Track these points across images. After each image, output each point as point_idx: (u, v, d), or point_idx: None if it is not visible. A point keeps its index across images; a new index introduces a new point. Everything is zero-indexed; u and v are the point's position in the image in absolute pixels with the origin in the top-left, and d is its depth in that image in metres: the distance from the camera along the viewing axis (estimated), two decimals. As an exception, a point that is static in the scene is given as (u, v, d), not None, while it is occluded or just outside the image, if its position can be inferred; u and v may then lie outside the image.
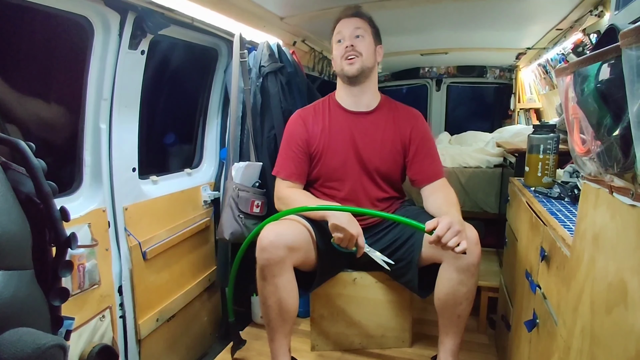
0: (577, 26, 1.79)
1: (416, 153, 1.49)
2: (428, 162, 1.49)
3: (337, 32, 1.48)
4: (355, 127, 1.49)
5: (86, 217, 1.29)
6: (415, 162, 1.49)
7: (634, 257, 0.53)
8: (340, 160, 1.48)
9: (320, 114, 1.53)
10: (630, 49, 0.40)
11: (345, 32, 1.45)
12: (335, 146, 1.49)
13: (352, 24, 1.46)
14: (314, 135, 1.50)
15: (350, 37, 1.44)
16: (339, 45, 1.47)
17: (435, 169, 1.49)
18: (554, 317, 0.88)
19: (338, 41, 1.47)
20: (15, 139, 0.64)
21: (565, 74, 0.65)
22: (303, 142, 1.50)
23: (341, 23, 1.48)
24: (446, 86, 3.89)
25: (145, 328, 1.52)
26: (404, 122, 1.51)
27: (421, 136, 1.50)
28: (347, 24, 1.47)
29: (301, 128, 1.51)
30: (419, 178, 1.49)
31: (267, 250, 1.26)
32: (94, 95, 1.33)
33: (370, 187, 1.50)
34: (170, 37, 1.60)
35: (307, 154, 1.50)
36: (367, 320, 1.62)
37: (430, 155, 1.50)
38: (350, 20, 1.47)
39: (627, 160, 0.48)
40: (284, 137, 1.55)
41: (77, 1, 1.17)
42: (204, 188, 1.92)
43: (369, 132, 1.49)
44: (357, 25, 1.46)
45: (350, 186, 1.47)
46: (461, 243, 1.13)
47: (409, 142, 1.50)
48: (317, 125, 1.51)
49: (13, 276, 0.55)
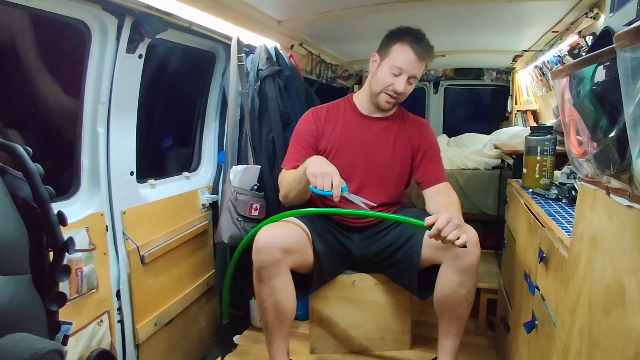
0: (573, 28, 1.80)
1: (423, 158, 1.53)
2: (432, 166, 1.52)
3: (398, 61, 1.38)
4: (367, 131, 1.51)
5: (84, 221, 1.29)
6: (421, 166, 1.53)
7: (631, 258, 0.53)
8: (349, 161, 1.48)
9: (333, 113, 1.54)
10: (625, 51, 0.41)
11: (406, 73, 1.39)
12: (345, 146, 1.50)
13: (416, 68, 1.39)
14: (325, 133, 1.51)
15: (406, 81, 1.40)
16: (391, 76, 1.40)
17: (439, 173, 1.52)
18: (552, 319, 0.88)
19: (393, 73, 1.39)
20: (13, 143, 0.64)
21: (561, 76, 0.65)
22: (312, 139, 1.51)
23: (408, 56, 1.37)
24: (443, 89, 3.91)
25: (144, 332, 1.52)
26: (414, 130, 1.55)
27: (428, 143, 1.55)
28: (412, 64, 1.38)
29: (312, 125, 1.52)
30: (423, 180, 1.51)
31: (262, 251, 1.26)
32: (91, 99, 1.33)
33: (375, 190, 1.50)
34: (168, 40, 1.60)
35: (315, 150, 1.51)
36: (367, 322, 1.62)
37: (435, 161, 1.54)
38: (418, 63, 1.39)
39: (623, 161, 0.48)
40: (294, 132, 1.56)
41: (75, 5, 1.17)
42: (202, 191, 1.92)
43: (381, 137, 1.51)
44: (418, 72, 1.41)
45: (356, 187, 1.48)
46: (461, 236, 1.13)
47: (417, 148, 1.53)
48: (329, 124, 1.52)
49: (10, 281, 0.55)
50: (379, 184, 1.51)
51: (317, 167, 1.26)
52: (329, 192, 1.23)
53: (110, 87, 1.35)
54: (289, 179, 1.43)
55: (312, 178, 1.24)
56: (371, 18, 1.55)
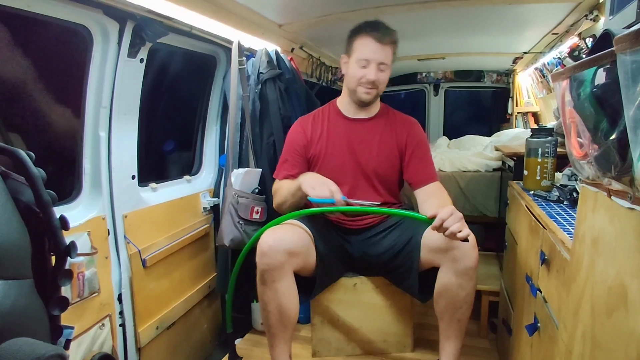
0: (573, 30, 1.81)
1: (411, 157, 1.51)
2: (423, 166, 1.51)
3: (362, 53, 1.40)
4: (352, 132, 1.52)
5: (86, 225, 1.29)
6: (410, 165, 1.52)
7: (633, 260, 0.53)
8: (338, 164, 1.50)
9: (319, 120, 1.56)
10: (625, 54, 0.41)
11: (372, 61, 1.39)
12: (332, 150, 1.51)
13: (380, 54, 1.39)
14: (313, 141, 1.53)
15: (376, 69, 1.40)
16: (360, 69, 1.41)
17: (430, 172, 1.51)
18: (554, 321, 0.88)
19: (361, 66, 1.40)
20: (15, 148, 0.64)
21: (562, 79, 0.65)
22: (301, 148, 1.53)
23: (369, 45, 1.39)
24: (444, 91, 3.91)
25: (145, 336, 1.52)
26: (400, 128, 1.53)
27: (417, 141, 1.52)
28: (375, 51, 1.38)
29: (300, 135, 1.54)
30: (414, 180, 1.50)
31: (267, 255, 1.26)
32: (93, 103, 1.34)
33: (368, 190, 1.51)
34: (169, 44, 1.61)
35: (305, 158, 1.54)
36: (368, 325, 1.62)
37: (425, 160, 1.52)
38: (381, 48, 1.39)
39: (625, 163, 0.48)
40: (285, 144, 1.59)
41: (77, 11, 1.18)
42: (204, 195, 1.92)
43: (366, 137, 1.51)
44: (385, 57, 1.40)
45: (349, 189, 1.48)
46: (463, 230, 1.13)
47: (405, 146, 1.52)
48: (316, 131, 1.54)
49: (12, 286, 0.55)
50: (369, 184, 1.52)
51: (313, 179, 1.33)
52: (330, 199, 1.25)
53: (112, 91, 1.36)
54: (284, 191, 1.46)
55: (309, 190, 1.28)
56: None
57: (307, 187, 1.30)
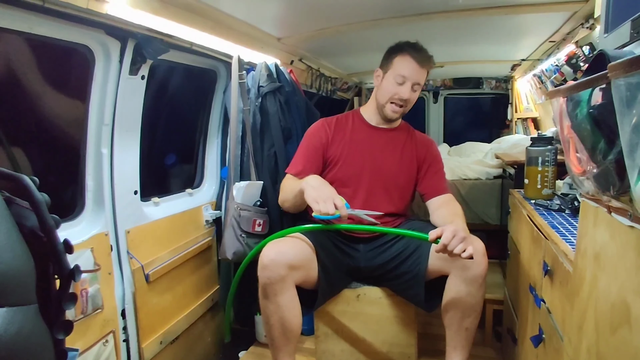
0: (570, 38, 1.82)
1: (428, 170, 1.57)
2: (437, 179, 1.57)
3: (401, 70, 1.44)
4: (375, 140, 1.56)
5: (89, 242, 1.29)
6: (425, 178, 1.57)
7: (635, 278, 0.53)
8: (356, 170, 1.52)
9: (343, 123, 1.59)
10: (619, 79, 0.41)
11: (409, 80, 1.44)
12: (353, 155, 1.53)
13: (418, 75, 1.45)
14: (334, 142, 1.55)
15: (410, 88, 1.46)
16: (396, 85, 1.45)
17: (443, 185, 1.56)
18: (559, 333, 0.88)
19: (398, 82, 1.45)
20: (19, 174, 0.64)
21: (558, 96, 0.66)
22: (321, 145, 1.55)
23: (410, 64, 1.44)
24: (443, 98, 3.92)
25: (149, 351, 1.51)
26: (421, 145, 1.60)
27: (434, 157, 1.60)
28: (414, 71, 1.44)
29: (322, 133, 1.56)
30: (427, 192, 1.55)
31: (268, 268, 1.26)
32: (95, 121, 1.35)
33: (383, 198, 1.52)
34: (170, 61, 1.62)
35: (322, 157, 1.55)
36: (372, 336, 1.61)
37: (439, 174, 1.59)
38: (419, 70, 1.45)
39: (623, 183, 0.48)
40: (304, 139, 1.60)
41: (79, 31, 1.19)
42: (206, 208, 1.92)
43: (388, 146, 1.56)
44: (420, 79, 1.46)
45: (363, 196, 1.50)
46: (467, 249, 1.14)
47: (423, 160, 1.58)
48: (338, 133, 1.56)
49: (17, 312, 0.55)
50: (386, 192, 1.53)
51: (316, 191, 1.28)
52: (335, 215, 1.23)
53: (114, 108, 1.37)
54: (288, 189, 1.47)
55: (313, 204, 1.25)
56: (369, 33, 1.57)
57: (311, 200, 1.26)
